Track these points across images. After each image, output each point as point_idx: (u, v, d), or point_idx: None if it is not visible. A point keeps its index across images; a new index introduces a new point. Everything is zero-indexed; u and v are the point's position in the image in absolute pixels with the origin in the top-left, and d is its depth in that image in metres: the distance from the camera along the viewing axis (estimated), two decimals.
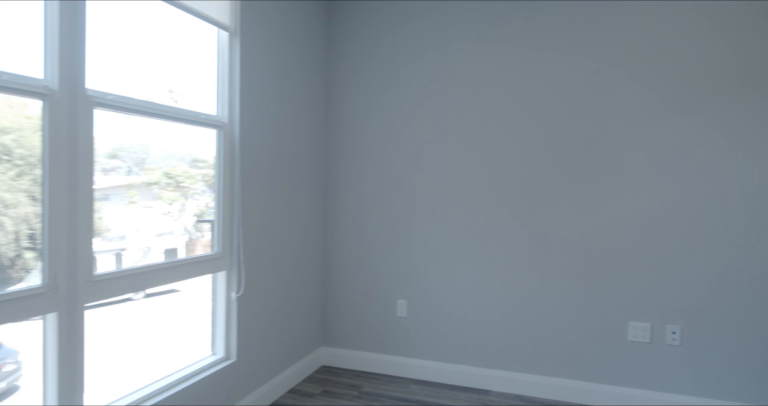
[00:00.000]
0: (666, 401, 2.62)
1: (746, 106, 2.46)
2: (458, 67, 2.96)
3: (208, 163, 2.41)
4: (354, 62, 3.20)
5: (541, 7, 2.78)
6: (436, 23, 3.01)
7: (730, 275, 2.51)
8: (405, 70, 3.08)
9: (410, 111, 3.08)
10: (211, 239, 2.50)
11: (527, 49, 2.82)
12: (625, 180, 2.67)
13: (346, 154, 3.24)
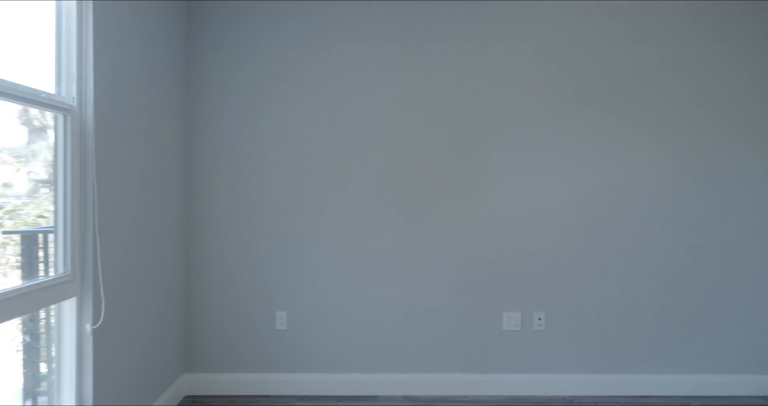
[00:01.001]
0: (537, 382, 2.90)
1: (618, 110, 2.86)
2: (342, 67, 2.83)
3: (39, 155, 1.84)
4: (229, 61, 2.82)
5: (429, 7, 2.82)
6: (317, 23, 2.82)
7: (584, 266, 2.90)
8: (287, 69, 2.82)
9: (291, 113, 2.83)
10: (45, 256, 1.92)
11: (415, 50, 2.83)
12: (500, 180, 2.86)
13: (212, 156, 2.83)
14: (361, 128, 2.84)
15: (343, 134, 2.84)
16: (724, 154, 2.89)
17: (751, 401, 2.88)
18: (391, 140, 2.84)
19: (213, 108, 2.82)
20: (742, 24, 2.86)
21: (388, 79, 2.83)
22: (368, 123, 2.84)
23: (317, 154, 2.84)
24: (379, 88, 2.83)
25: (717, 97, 2.87)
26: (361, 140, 2.84)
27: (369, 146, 2.84)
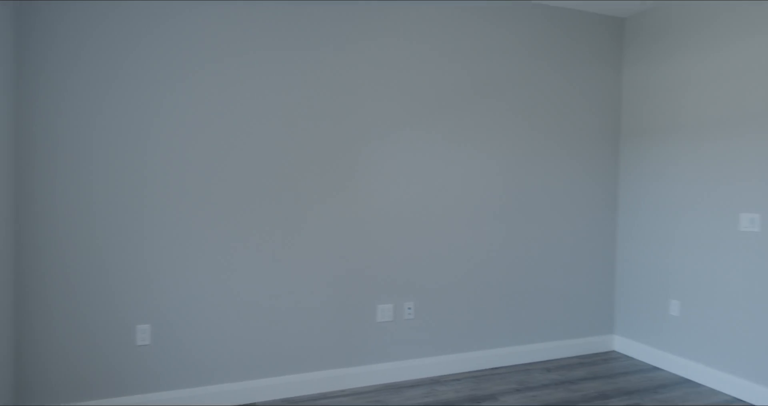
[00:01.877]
0: (408, 367, 3.09)
1: (472, 115, 3.18)
2: (206, 62, 2.66)
3: None
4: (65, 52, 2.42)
5: (303, 7, 2.82)
6: (182, 20, 2.61)
7: (444, 255, 3.18)
8: (134, 57, 2.54)
9: (148, 106, 2.56)
10: None
11: (285, 49, 2.79)
12: (370, 177, 2.99)
13: (52, 153, 2.41)
14: (232, 126, 2.71)
15: (211, 131, 2.67)
16: (561, 153, 3.47)
17: (579, 359, 3.50)
18: (264, 139, 2.76)
19: (53, 103, 2.40)
20: (578, 47, 3.48)
21: (259, 82, 2.75)
22: (242, 122, 2.72)
23: (181, 151, 2.62)
24: (247, 89, 2.74)
25: (557, 106, 3.44)
26: (233, 138, 2.71)
27: (239, 146, 2.72)
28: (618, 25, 3.69)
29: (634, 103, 3.61)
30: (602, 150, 3.66)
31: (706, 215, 3.11)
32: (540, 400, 2.84)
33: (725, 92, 3.01)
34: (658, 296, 3.42)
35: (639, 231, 3.57)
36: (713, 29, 3.08)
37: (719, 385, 3.01)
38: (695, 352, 3.17)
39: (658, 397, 2.91)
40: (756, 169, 2.84)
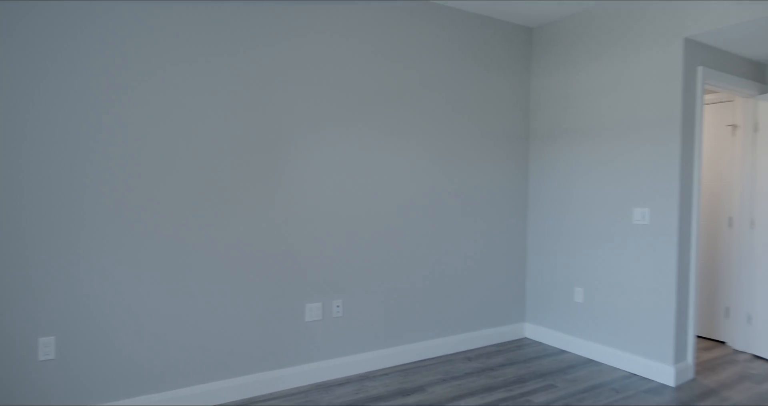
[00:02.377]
0: (337, 365, 3.08)
1: (397, 114, 3.21)
2: (123, 55, 2.45)
3: None
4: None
5: (233, 6, 2.69)
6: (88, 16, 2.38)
7: (370, 253, 3.22)
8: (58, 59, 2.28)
9: (59, 108, 2.31)
10: None
11: (206, 47, 2.66)
12: (297, 175, 2.95)
13: None
14: (146, 122, 2.52)
15: (119, 128, 2.47)
16: (479, 153, 3.64)
17: (496, 347, 3.70)
18: (184, 138, 2.61)
19: None
20: (498, 52, 3.66)
21: (181, 78, 2.59)
22: (160, 120, 2.54)
23: (84, 150, 2.39)
24: (168, 85, 2.57)
25: (475, 105, 3.60)
26: (145, 136, 2.52)
27: (152, 144, 2.55)
28: (527, 34, 3.96)
29: (541, 108, 3.90)
30: (515, 151, 3.91)
31: (605, 210, 3.45)
32: (465, 388, 2.97)
33: (621, 100, 3.35)
34: (564, 284, 3.72)
35: (547, 225, 3.86)
36: (610, 43, 3.42)
37: (618, 362, 3.35)
38: (597, 334, 3.50)
39: (568, 377, 3.18)
40: (646, 169, 3.19)
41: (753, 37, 3.04)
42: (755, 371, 3.34)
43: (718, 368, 3.38)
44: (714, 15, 2.87)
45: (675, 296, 3.06)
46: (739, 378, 3.20)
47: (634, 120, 3.27)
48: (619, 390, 2.98)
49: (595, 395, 2.91)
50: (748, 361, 3.53)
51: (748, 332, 3.69)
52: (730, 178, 3.88)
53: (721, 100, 3.96)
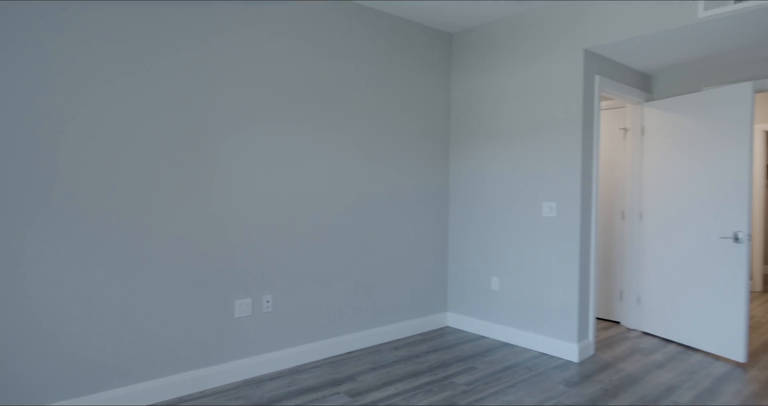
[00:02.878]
0: (268, 360, 3.10)
1: (323, 113, 3.27)
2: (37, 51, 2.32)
3: None
4: None
5: (163, 4, 2.62)
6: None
7: (299, 247, 3.27)
8: None
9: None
10: None
11: (137, 44, 2.58)
12: (226, 173, 2.93)
13: None
14: (67, 117, 2.40)
15: (37, 121, 2.34)
16: (404, 151, 3.80)
17: (421, 336, 3.88)
18: (108, 134, 2.51)
19: None
20: (423, 55, 3.83)
21: (108, 76, 2.49)
22: (72, 117, 2.43)
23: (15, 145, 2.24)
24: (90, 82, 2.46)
25: (403, 106, 3.75)
26: (64, 130, 2.41)
27: (72, 138, 2.44)
28: (447, 39, 4.19)
29: (461, 109, 4.15)
30: (437, 149, 4.13)
31: (518, 204, 3.75)
32: (393, 375, 3.12)
33: (530, 104, 3.66)
34: (482, 274, 4.00)
35: (466, 219, 4.12)
36: (521, 50, 3.72)
37: (530, 344, 3.66)
38: (512, 319, 3.80)
39: (486, 359, 3.43)
40: (553, 166, 3.52)
41: (640, 51, 3.46)
42: (644, 345, 3.79)
43: (614, 345, 3.80)
44: (609, 30, 3.24)
45: (578, 282, 3.41)
46: (631, 352, 3.63)
47: (542, 122, 3.59)
48: (532, 368, 3.27)
49: (510, 373, 3.17)
50: (638, 337, 4.00)
51: (638, 312, 4.18)
52: (622, 176, 4.37)
53: (615, 106, 4.43)
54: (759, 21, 2.83)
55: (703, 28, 2.97)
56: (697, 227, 3.63)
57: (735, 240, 3.38)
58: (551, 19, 3.54)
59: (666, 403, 2.75)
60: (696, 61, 3.74)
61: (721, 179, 3.47)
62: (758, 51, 3.45)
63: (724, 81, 3.83)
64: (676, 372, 3.23)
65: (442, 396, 2.81)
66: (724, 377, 3.15)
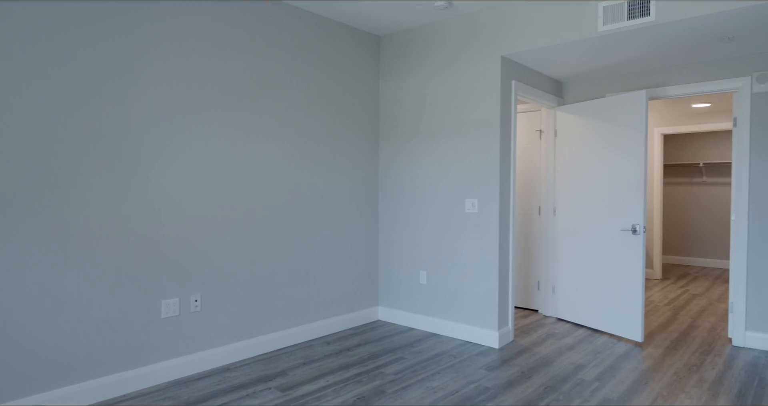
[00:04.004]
0: (197, 360, 3.08)
1: (254, 111, 3.27)
2: None
3: None
4: None
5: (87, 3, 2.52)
6: None
7: (229, 245, 3.27)
8: None
9: None
10: None
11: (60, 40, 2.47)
12: (154, 169, 2.88)
13: None
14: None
15: None
16: (335, 149, 3.87)
17: (352, 330, 3.98)
18: (30, 133, 2.40)
19: None
20: (348, 54, 3.91)
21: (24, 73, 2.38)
22: None
23: None
24: None
25: (332, 104, 3.82)
26: None
27: None
28: (375, 41, 4.32)
29: (389, 110, 4.30)
30: (367, 148, 4.25)
31: (443, 201, 3.94)
32: (324, 368, 3.20)
33: (453, 105, 3.87)
34: (411, 268, 4.16)
35: (395, 216, 4.27)
36: (444, 55, 3.92)
37: (456, 333, 3.87)
38: (439, 311, 3.99)
39: (414, 349, 3.59)
40: (474, 165, 3.74)
41: (552, 59, 3.75)
42: (558, 330, 4.12)
43: (531, 331, 4.09)
44: (522, 39, 3.50)
45: (498, 274, 3.65)
46: (546, 337, 3.93)
47: (464, 123, 3.81)
48: (456, 355, 3.47)
49: (436, 361, 3.34)
50: (553, 323, 4.33)
51: (553, 300, 4.52)
52: (538, 175, 4.70)
53: (531, 109, 4.76)
54: (649, 36, 3.18)
55: (603, 41, 3.29)
56: (603, 220, 4.00)
57: (633, 232, 3.76)
58: (472, 27, 3.76)
59: (573, 380, 3.03)
60: (600, 70, 4.11)
61: (621, 177, 3.85)
62: (651, 63, 3.86)
63: (624, 89, 4.23)
64: (584, 353, 3.54)
65: (371, 386, 2.92)
66: (624, 356, 3.50)
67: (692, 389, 2.91)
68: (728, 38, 3.23)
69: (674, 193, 7.98)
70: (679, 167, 7.94)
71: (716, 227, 7.60)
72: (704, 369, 3.24)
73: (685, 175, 7.87)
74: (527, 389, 2.90)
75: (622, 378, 3.07)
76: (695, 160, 7.76)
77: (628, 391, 2.87)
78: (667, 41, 3.29)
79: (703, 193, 7.71)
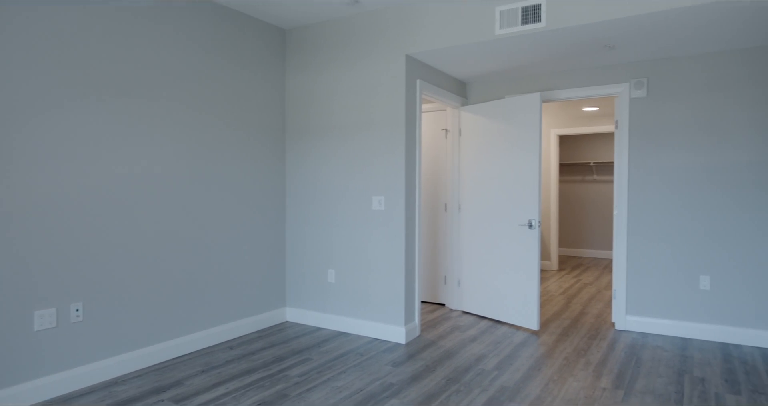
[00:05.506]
0: (79, 375, 2.80)
1: (147, 103, 3.00)
2: None
3: None
4: None
5: None
6: None
7: (123, 249, 3.01)
8: None
9: None
10: None
11: None
12: (22, 162, 2.57)
13: None
14: None
15: None
16: (238, 147, 3.68)
17: (258, 333, 3.83)
18: None
19: None
20: (255, 49, 3.72)
21: None
22: None
23: None
24: None
25: (232, 102, 3.63)
26: None
27: None
28: (281, 35, 4.19)
29: (296, 106, 4.19)
30: (273, 145, 4.11)
31: (351, 198, 3.92)
32: (225, 375, 3.05)
33: (360, 103, 3.85)
34: (320, 267, 4.10)
35: (303, 214, 4.18)
36: (352, 51, 3.89)
37: (364, 331, 3.87)
38: (347, 309, 3.96)
39: (322, 349, 3.54)
40: (381, 162, 3.76)
41: (454, 60, 3.86)
42: (463, 323, 4.26)
43: (437, 325, 4.20)
44: (426, 39, 3.56)
45: (404, 270, 3.69)
46: (452, 330, 4.05)
47: (370, 120, 3.80)
48: (363, 353, 3.46)
49: (343, 360, 3.31)
50: (459, 316, 4.47)
51: (459, 294, 4.67)
52: (444, 173, 4.83)
53: (437, 109, 4.88)
54: (541, 41, 3.36)
55: (501, 44, 3.43)
56: (503, 216, 4.19)
57: (529, 227, 3.97)
58: (378, 25, 3.77)
59: (474, 371, 3.14)
60: (500, 73, 4.30)
61: (519, 175, 4.05)
62: (545, 67, 4.09)
63: (521, 91, 4.46)
64: (485, 344, 3.69)
65: (274, 390, 2.83)
66: (521, 344, 3.69)
67: (579, 372, 3.12)
68: (609, 46, 3.51)
69: (569, 190, 8.59)
70: (573, 166, 8.56)
71: (605, 220, 8.30)
72: (590, 353, 3.50)
73: (579, 173, 8.51)
74: (430, 382, 2.95)
75: (519, 366, 3.23)
76: (587, 159, 8.41)
77: (524, 377, 3.03)
78: (557, 47, 3.50)
79: (595, 190, 8.38)
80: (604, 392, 2.82)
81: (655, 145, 3.92)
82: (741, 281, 3.65)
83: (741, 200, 3.64)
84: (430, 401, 2.69)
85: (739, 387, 2.89)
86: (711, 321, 3.76)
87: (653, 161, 3.92)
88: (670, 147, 3.86)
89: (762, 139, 3.56)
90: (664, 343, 3.70)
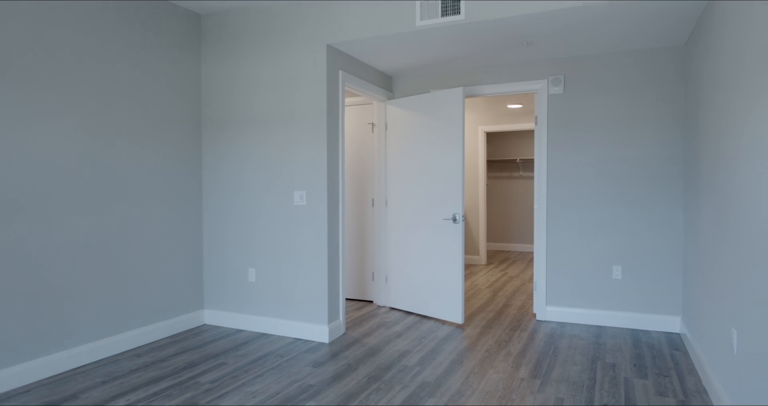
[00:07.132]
0: None
1: (36, 87, 2.67)
2: None
3: None
4: None
5: None
6: None
7: (8, 250, 2.68)
8: None
9: None
10: None
11: None
12: None
13: None
14: None
15: None
16: (146, 139, 3.40)
17: (172, 338, 3.58)
18: None
19: None
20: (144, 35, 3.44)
21: None
22: None
23: None
24: None
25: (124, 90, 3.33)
26: None
27: None
28: (196, 20, 3.94)
29: (213, 96, 3.96)
30: (187, 138, 3.85)
31: (271, 194, 3.75)
32: (127, 385, 2.80)
33: (281, 93, 3.69)
34: (239, 267, 3.90)
35: (221, 211, 3.96)
36: (272, 40, 3.72)
37: (286, 331, 3.71)
38: (268, 309, 3.79)
39: (239, 353, 3.35)
40: (302, 156, 3.62)
41: (378, 52, 3.78)
42: (389, 319, 4.21)
43: (364, 322, 4.12)
44: (346, 29, 3.46)
45: (327, 266, 3.58)
46: (378, 326, 3.99)
47: (292, 112, 3.65)
48: (283, 355, 3.32)
49: (261, 363, 3.15)
50: (386, 313, 4.42)
51: (386, 290, 4.62)
52: (371, 167, 4.76)
53: (363, 102, 4.79)
54: (461, 34, 3.36)
55: (422, 36, 3.40)
56: (428, 211, 4.17)
57: (454, 221, 3.98)
58: (300, 12, 3.62)
59: (396, 367, 3.08)
60: (425, 67, 4.28)
61: (443, 170, 4.05)
62: (467, 62, 4.12)
63: (446, 85, 4.47)
64: (410, 339, 3.65)
65: (182, 398, 2.62)
66: (445, 338, 3.68)
67: (500, 364, 3.15)
68: (527, 42, 3.57)
69: (497, 186, 8.82)
70: (500, 163, 8.79)
71: (531, 215, 8.59)
72: (512, 344, 3.55)
73: (506, 170, 8.75)
74: (351, 381, 2.86)
75: (441, 360, 3.21)
76: (513, 156, 8.67)
77: (445, 372, 3.01)
78: (478, 41, 3.52)
79: (520, 185, 8.64)
80: (522, 382, 2.86)
81: (571, 140, 4.05)
82: (648, 270, 3.85)
83: (647, 195, 3.83)
84: (349, 401, 2.60)
85: (646, 371, 3.03)
86: (623, 309, 3.94)
87: (570, 156, 4.05)
88: (585, 143, 4.00)
89: (662, 136, 3.77)
90: (581, 331, 3.84)
